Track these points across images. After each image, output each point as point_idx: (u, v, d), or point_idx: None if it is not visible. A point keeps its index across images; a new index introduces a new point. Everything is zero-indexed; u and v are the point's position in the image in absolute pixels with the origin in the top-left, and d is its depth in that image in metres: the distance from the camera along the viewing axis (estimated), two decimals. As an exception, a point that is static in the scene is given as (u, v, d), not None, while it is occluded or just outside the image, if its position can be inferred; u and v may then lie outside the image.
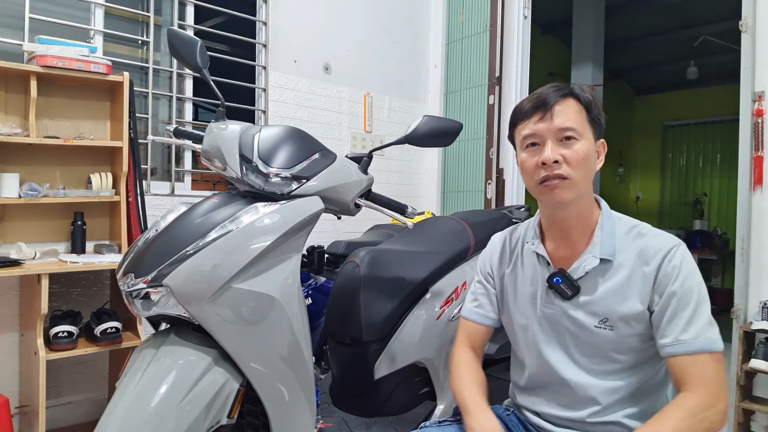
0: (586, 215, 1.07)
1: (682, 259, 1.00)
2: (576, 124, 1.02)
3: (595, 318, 1.04)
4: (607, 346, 1.03)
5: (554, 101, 1.02)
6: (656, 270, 1.00)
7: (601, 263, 1.04)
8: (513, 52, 3.33)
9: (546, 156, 1.00)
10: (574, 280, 1.05)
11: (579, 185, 1.02)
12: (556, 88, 1.05)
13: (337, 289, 1.65)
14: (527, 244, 1.16)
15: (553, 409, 1.10)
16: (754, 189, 2.40)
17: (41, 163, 2.23)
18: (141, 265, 1.18)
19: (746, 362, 2.27)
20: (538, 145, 1.04)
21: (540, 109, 1.03)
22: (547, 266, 1.10)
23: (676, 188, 7.61)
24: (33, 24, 2.23)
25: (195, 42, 1.43)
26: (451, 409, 1.69)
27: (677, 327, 0.97)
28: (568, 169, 1.00)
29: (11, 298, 2.18)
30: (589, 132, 1.04)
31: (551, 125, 1.02)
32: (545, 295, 1.10)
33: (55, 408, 2.29)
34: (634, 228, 1.07)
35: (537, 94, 1.06)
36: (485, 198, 3.39)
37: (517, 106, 1.09)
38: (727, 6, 4.51)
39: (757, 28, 2.39)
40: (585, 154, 1.01)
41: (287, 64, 3.04)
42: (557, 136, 1.01)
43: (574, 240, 1.08)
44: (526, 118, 1.05)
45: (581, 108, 1.04)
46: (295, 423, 1.26)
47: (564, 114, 1.02)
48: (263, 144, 1.31)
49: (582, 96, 1.05)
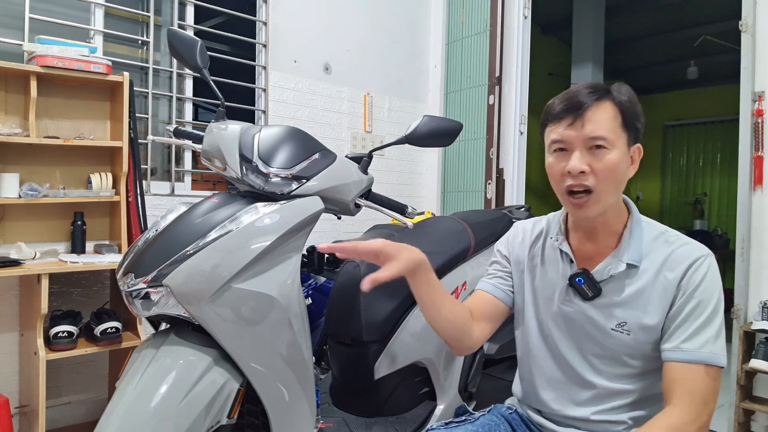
0: (614, 220, 1.05)
1: (707, 270, 0.98)
2: (608, 132, 0.96)
3: (613, 321, 1.02)
4: (621, 349, 1.02)
5: (588, 105, 0.96)
6: (680, 278, 0.98)
7: (626, 268, 1.01)
8: (513, 52, 3.33)
9: (573, 165, 0.96)
10: (597, 282, 1.03)
11: (605, 198, 0.98)
12: (591, 89, 0.98)
13: (337, 289, 1.65)
14: (551, 239, 1.13)
15: (557, 406, 1.09)
16: (754, 189, 2.39)
17: (41, 163, 2.23)
18: (141, 265, 1.18)
19: (746, 362, 2.27)
20: (566, 151, 0.99)
21: (571, 113, 0.97)
22: (570, 264, 1.08)
23: (677, 188, 7.61)
24: (33, 24, 2.23)
25: (195, 42, 1.43)
26: (451, 409, 1.69)
27: (684, 334, 0.96)
28: (595, 181, 0.96)
29: (11, 298, 2.18)
30: (622, 139, 0.98)
31: (581, 133, 0.96)
32: (565, 292, 1.08)
33: (55, 408, 2.29)
34: (662, 234, 1.04)
35: (571, 93, 1.00)
36: (485, 198, 3.39)
37: (548, 105, 1.03)
38: (727, 6, 4.51)
39: (757, 28, 2.39)
40: (614, 166, 0.96)
41: (287, 64, 3.04)
42: (586, 144, 0.96)
43: (600, 241, 1.06)
44: (556, 121, 1.00)
45: (617, 113, 0.98)
46: (295, 423, 1.26)
47: (596, 120, 0.96)
48: (263, 144, 1.31)
49: (619, 99, 0.98)
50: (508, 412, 1.19)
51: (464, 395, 1.78)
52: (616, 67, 6.88)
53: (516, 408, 1.20)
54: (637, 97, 1.02)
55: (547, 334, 1.12)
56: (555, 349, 1.10)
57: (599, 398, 1.05)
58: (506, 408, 1.20)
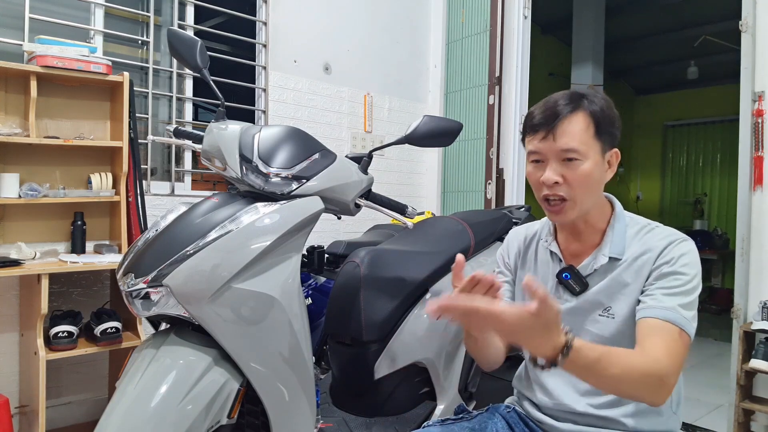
0: (596, 219, 1.09)
1: (684, 251, 1.01)
2: (580, 143, 1.00)
3: (599, 308, 1.06)
4: (608, 332, 1.05)
5: (562, 116, 1.00)
6: (657, 254, 1.02)
7: (609, 261, 1.06)
8: (513, 52, 3.33)
9: (546, 177, 1.01)
10: (583, 276, 1.08)
11: (580, 204, 1.03)
12: (566, 101, 1.02)
13: (337, 289, 1.65)
14: (542, 241, 1.18)
15: (554, 401, 1.10)
16: (754, 189, 2.40)
17: (41, 163, 2.23)
18: (141, 265, 1.18)
19: (746, 362, 2.27)
20: (541, 162, 1.04)
21: (544, 127, 1.01)
22: (558, 262, 1.13)
23: (676, 188, 7.61)
24: (33, 24, 2.23)
25: (195, 42, 1.43)
26: (451, 408, 1.69)
27: (656, 294, 0.98)
28: (569, 190, 1.01)
29: (11, 298, 2.18)
30: (595, 149, 1.02)
31: (553, 146, 1.01)
32: (555, 290, 1.12)
33: (55, 408, 2.29)
34: (644, 227, 1.08)
35: (549, 103, 1.03)
36: (485, 198, 3.39)
37: (529, 113, 1.08)
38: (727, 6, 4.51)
39: (757, 28, 2.39)
40: (587, 175, 1.01)
41: (287, 64, 3.04)
42: (559, 156, 1.01)
43: (585, 239, 1.10)
44: (532, 132, 1.05)
45: (589, 123, 1.01)
46: (295, 423, 1.26)
47: (568, 133, 1.00)
48: (263, 144, 1.31)
49: (592, 110, 1.02)
50: (506, 411, 1.19)
51: (464, 395, 1.78)
52: (616, 67, 6.87)
53: (514, 407, 1.21)
54: (637, 97, 1.03)
55: None
56: None
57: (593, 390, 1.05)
58: (504, 407, 1.21)
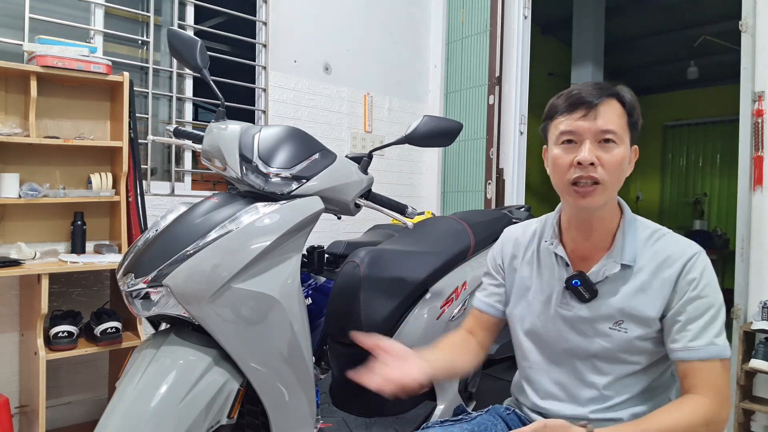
0: (609, 219, 1.06)
1: (703, 268, 1.00)
2: (617, 127, 0.99)
3: (610, 320, 1.03)
4: (619, 347, 1.03)
5: (598, 101, 0.99)
6: (676, 277, 1.00)
7: (621, 269, 1.03)
8: (513, 52, 3.33)
9: (583, 156, 0.97)
10: (593, 283, 1.04)
11: (610, 191, 1.00)
12: (599, 87, 1.01)
13: (337, 289, 1.65)
14: (545, 242, 1.14)
15: (556, 406, 1.09)
16: (754, 189, 2.39)
17: (41, 163, 2.23)
18: (141, 265, 1.18)
19: (746, 362, 2.27)
20: (574, 143, 1.00)
21: (583, 107, 0.99)
22: (566, 267, 1.09)
23: (676, 188, 7.61)
24: (33, 24, 2.23)
25: (195, 42, 1.43)
26: (451, 408, 1.69)
27: (689, 333, 0.97)
28: (603, 173, 0.98)
29: (11, 298, 2.18)
30: (627, 137, 1.01)
31: (593, 125, 0.98)
32: (561, 296, 1.09)
33: (55, 408, 2.29)
34: (654, 233, 1.06)
35: (577, 90, 1.02)
36: (485, 198, 3.39)
37: (553, 101, 1.05)
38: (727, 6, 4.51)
39: (757, 28, 2.39)
40: (621, 160, 0.99)
41: (287, 64, 3.04)
42: (597, 137, 0.98)
43: (595, 242, 1.07)
44: (565, 113, 1.01)
45: (623, 111, 1.01)
46: (295, 423, 1.26)
47: (607, 115, 0.99)
48: (263, 144, 1.31)
49: (625, 98, 1.02)
50: (506, 413, 1.19)
51: (464, 395, 1.78)
52: (616, 67, 6.88)
53: (514, 408, 1.20)
54: (637, 97, 1.05)
55: (545, 338, 1.11)
56: (553, 353, 1.10)
57: (600, 398, 1.05)
58: (504, 408, 1.20)
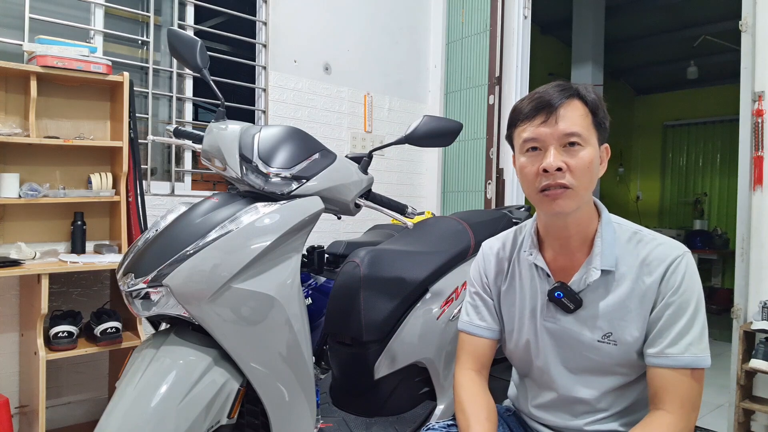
0: (586, 223, 1.02)
1: (685, 270, 0.96)
2: (581, 128, 0.94)
3: (599, 332, 1.00)
4: (609, 360, 1.00)
5: (559, 103, 0.94)
6: (659, 281, 0.96)
7: (602, 275, 0.99)
8: (513, 52, 3.33)
9: (548, 163, 0.93)
10: (575, 293, 1.01)
11: (581, 195, 0.95)
12: (560, 88, 0.97)
13: (337, 289, 1.65)
14: (524, 253, 1.10)
15: (551, 417, 1.09)
16: (754, 189, 2.39)
17: (41, 163, 2.23)
18: (141, 265, 1.18)
19: (746, 362, 2.27)
20: (539, 150, 0.96)
21: (543, 111, 0.95)
22: (547, 278, 1.05)
23: (676, 188, 7.61)
24: (33, 24, 2.23)
25: (195, 42, 1.43)
26: (451, 408, 1.69)
27: (666, 338, 0.94)
28: (571, 178, 0.93)
29: (11, 298, 2.18)
30: (594, 137, 0.97)
31: (555, 130, 0.94)
32: (546, 309, 1.05)
33: (55, 408, 2.29)
34: (635, 234, 1.02)
35: (539, 93, 0.97)
36: (485, 198, 3.39)
37: (516, 106, 1.01)
38: (727, 6, 4.51)
39: (757, 28, 2.39)
40: (589, 162, 0.94)
41: (287, 64, 3.04)
42: (561, 141, 0.94)
43: (574, 250, 1.03)
44: (527, 120, 0.97)
45: (587, 111, 0.97)
46: (295, 423, 1.26)
47: (569, 118, 0.94)
48: (263, 144, 1.31)
49: (588, 97, 0.97)
50: (507, 413, 1.18)
51: (464, 395, 1.77)
52: (616, 67, 6.88)
53: (513, 409, 1.20)
54: (637, 97, 1.02)
55: (534, 351, 1.08)
56: (544, 366, 1.07)
57: (592, 410, 1.03)
58: (504, 409, 1.20)
